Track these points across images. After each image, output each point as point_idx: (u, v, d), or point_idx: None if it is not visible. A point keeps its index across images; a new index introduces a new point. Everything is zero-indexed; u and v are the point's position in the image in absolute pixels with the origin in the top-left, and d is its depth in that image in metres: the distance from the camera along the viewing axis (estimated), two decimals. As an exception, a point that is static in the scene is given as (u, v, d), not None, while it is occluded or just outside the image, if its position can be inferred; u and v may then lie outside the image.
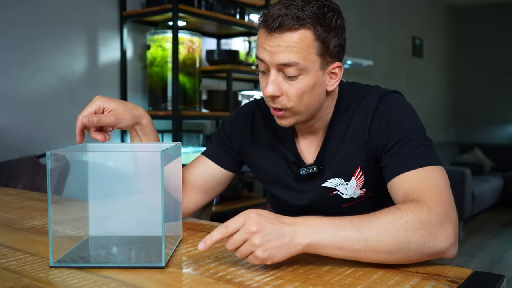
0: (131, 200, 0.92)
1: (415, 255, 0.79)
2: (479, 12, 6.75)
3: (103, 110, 0.99)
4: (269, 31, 0.95)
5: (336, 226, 0.79)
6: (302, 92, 0.97)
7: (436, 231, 0.80)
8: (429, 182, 0.88)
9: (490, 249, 4.01)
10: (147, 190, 0.89)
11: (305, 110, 1.00)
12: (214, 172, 1.19)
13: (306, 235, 0.78)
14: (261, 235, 0.75)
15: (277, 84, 0.97)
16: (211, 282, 0.73)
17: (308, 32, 0.94)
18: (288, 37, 0.94)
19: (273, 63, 0.96)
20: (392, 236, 0.78)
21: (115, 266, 0.79)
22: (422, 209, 0.81)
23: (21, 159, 2.09)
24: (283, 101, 0.98)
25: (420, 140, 0.96)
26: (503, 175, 5.81)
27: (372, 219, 0.80)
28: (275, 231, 0.77)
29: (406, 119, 0.99)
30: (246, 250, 0.76)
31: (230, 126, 1.21)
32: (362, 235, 0.78)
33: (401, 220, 0.79)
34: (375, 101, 1.04)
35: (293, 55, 0.94)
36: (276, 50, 0.95)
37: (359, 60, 4.17)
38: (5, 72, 2.24)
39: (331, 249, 0.78)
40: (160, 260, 0.79)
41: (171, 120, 2.52)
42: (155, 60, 2.63)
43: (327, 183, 1.09)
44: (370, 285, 0.72)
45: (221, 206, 2.77)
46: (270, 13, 0.95)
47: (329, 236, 0.78)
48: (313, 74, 0.97)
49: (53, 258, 0.79)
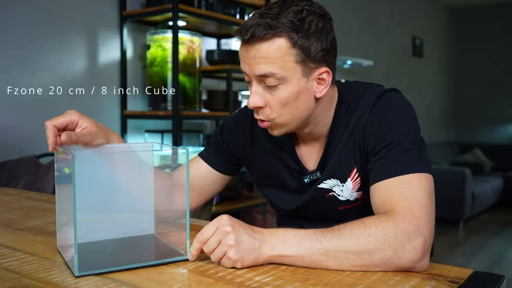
0: (131, 200, 0.93)
1: (379, 267, 0.79)
2: (479, 12, 6.75)
3: (76, 125, 0.94)
4: (243, 43, 0.94)
5: (299, 237, 0.81)
6: (284, 101, 0.95)
7: (402, 248, 0.79)
8: (406, 194, 0.86)
9: (490, 249, 4.01)
10: (136, 191, 0.91)
11: (291, 120, 0.98)
12: (208, 174, 1.19)
13: (272, 246, 0.81)
14: (235, 235, 0.79)
15: (259, 95, 0.97)
16: (211, 282, 0.73)
17: (282, 40, 0.91)
18: (261, 48, 0.92)
19: (253, 74, 0.96)
20: (353, 247, 0.79)
21: (141, 266, 0.80)
22: (388, 224, 0.80)
23: (21, 159, 2.09)
24: (266, 112, 0.98)
25: (410, 144, 0.93)
26: (503, 175, 5.81)
27: (335, 231, 0.81)
28: (247, 235, 0.80)
29: (399, 121, 0.96)
30: (220, 252, 0.79)
31: (228, 132, 1.20)
32: (322, 245, 0.80)
33: (363, 233, 0.80)
34: (372, 100, 1.01)
35: (268, 66, 0.92)
36: (253, 62, 0.94)
37: (359, 60, 4.16)
38: (6, 72, 2.24)
39: (294, 259, 0.80)
40: (185, 253, 0.83)
41: (171, 120, 2.52)
42: (155, 60, 2.63)
43: (323, 184, 1.08)
44: (370, 285, 0.72)
45: (221, 206, 2.77)
46: (244, 24, 0.94)
47: (292, 247, 0.80)
48: (295, 82, 0.94)
49: (79, 269, 0.75)
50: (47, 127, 0.89)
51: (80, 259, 0.74)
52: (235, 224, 0.80)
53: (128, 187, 0.93)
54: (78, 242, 0.74)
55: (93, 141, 0.95)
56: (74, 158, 0.73)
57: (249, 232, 0.81)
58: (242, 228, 0.81)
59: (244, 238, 0.79)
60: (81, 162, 0.77)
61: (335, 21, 1.03)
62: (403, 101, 1.02)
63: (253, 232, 0.81)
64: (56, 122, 0.91)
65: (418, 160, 0.91)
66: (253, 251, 0.80)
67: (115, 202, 0.92)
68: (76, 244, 0.74)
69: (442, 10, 6.65)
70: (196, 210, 1.34)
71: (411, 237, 0.80)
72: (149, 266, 0.80)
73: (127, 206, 0.92)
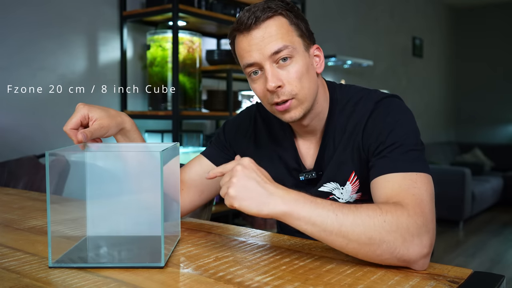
0: (129, 200, 0.92)
1: (384, 255, 0.78)
2: (479, 12, 6.75)
3: (88, 118, 0.99)
4: (248, 31, 0.98)
5: (316, 203, 0.80)
6: (300, 74, 0.99)
7: (412, 239, 0.79)
8: (412, 190, 0.87)
9: (490, 249, 4.01)
10: (145, 190, 0.89)
11: (308, 95, 1.01)
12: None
13: (284, 201, 0.79)
14: (243, 176, 0.80)
15: (277, 75, 0.99)
16: (211, 282, 0.73)
17: (282, 18, 0.99)
18: (268, 27, 0.98)
19: (265, 56, 0.98)
20: (366, 229, 0.78)
21: (114, 266, 0.79)
22: (402, 214, 0.81)
23: (21, 159, 2.09)
24: (287, 89, 0.99)
25: (412, 145, 0.95)
26: (503, 175, 5.81)
27: (352, 208, 0.80)
28: (256, 181, 0.80)
29: (399, 124, 0.98)
30: (226, 187, 0.80)
31: (231, 132, 1.21)
32: (338, 218, 0.78)
33: (380, 218, 0.79)
34: (371, 105, 1.03)
35: (280, 40, 0.97)
36: (263, 43, 0.97)
37: (359, 60, 4.16)
38: (6, 72, 2.24)
39: (304, 223, 0.79)
40: (160, 260, 0.79)
41: (171, 120, 2.52)
42: (155, 60, 2.63)
43: (323, 187, 1.09)
44: (370, 285, 0.72)
45: (221, 206, 2.77)
46: (241, 18, 0.99)
47: (306, 209, 0.79)
48: (302, 55, 1.00)
49: (52, 258, 0.79)
50: (68, 134, 0.96)
51: (55, 251, 0.74)
52: (251, 168, 0.81)
53: (137, 186, 0.93)
54: (73, 235, 0.74)
55: (107, 133, 1.01)
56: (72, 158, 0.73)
57: (261, 180, 0.80)
58: (255, 174, 0.80)
59: (251, 182, 0.79)
60: (78, 162, 0.77)
61: (335, 20, 1.06)
62: (402, 106, 1.03)
63: (266, 182, 0.80)
64: (72, 125, 0.97)
65: (420, 161, 0.93)
66: (257, 198, 0.79)
67: (122, 199, 0.92)
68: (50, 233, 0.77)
69: (442, 10, 6.65)
70: (196, 210, 1.34)
71: (421, 231, 0.80)
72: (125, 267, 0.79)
73: (134, 205, 0.92)
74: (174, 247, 0.91)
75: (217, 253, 0.87)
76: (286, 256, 0.86)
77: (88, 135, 0.95)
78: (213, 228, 1.07)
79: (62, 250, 0.83)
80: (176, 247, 0.92)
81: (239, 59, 1.03)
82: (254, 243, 0.95)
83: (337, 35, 4.36)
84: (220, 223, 1.12)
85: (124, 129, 1.06)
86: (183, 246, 0.93)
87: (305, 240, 0.97)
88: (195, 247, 0.91)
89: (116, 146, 1.03)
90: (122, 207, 0.92)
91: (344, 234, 0.78)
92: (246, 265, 0.81)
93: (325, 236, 0.79)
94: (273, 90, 0.98)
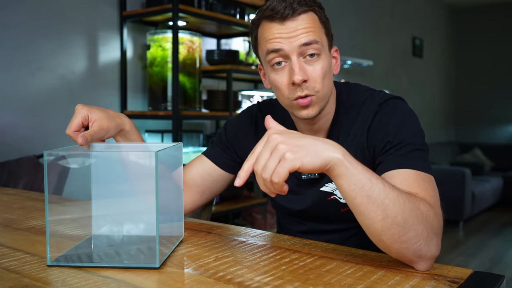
0: (129, 200, 0.92)
1: (407, 243, 0.77)
2: (479, 12, 6.75)
3: (88, 119, 0.98)
4: (282, 20, 0.98)
5: (368, 169, 0.77)
6: (324, 72, 0.99)
7: (433, 237, 0.79)
8: (429, 191, 0.87)
9: (490, 249, 4.01)
10: (146, 190, 0.89)
11: (326, 94, 1.02)
12: (213, 173, 1.19)
13: (340, 152, 0.75)
14: (287, 138, 0.74)
15: (303, 69, 0.98)
16: (211, 282, 0.73)
17: (314, 15, 1.00)
18: (303, 19, 0.98)
19: (294, 47, 0.97)
20: (405, 210, 0.76)
21: (110, 266, 0.79)
22: (430, 209, 0.81)
23: (21, 159, 2.09)
24: (311, 85, 0.99)
25: (418, 144, 0.95)
26: (503, 175, 5.81)
27: (396, 186, 0.79)
28: (303, 137, 0.75)
29: (404, 124, 0.99)
30: (275, 158, 0.72)
31: (233, 132, 1.21)
32: (385, 189, 0.76)
33: (415, 204, 0.78)
34: (375, 107, 1.03)
35: (312, 34, 0.98)
36: (295, 34, 0.97)
37: (359, 60, 4.16)
38: (6, 72, 2.24)
39: (355, 182, 0.75)
40: (155, 261, 0.79)
41: (171, 120, 2.52)
42: (155, 60, 2.63)
43: (325, 187, 1.09)
44: (370, 285, 0.72)
45: (221, 206, 2.77)
46: (276, 7, 0.98)
47: (359, 170, 0.75)
48: (327, 54, 1.01)
49: (51, 257, 0.79)
50: (72, 137, 0.94)
51: (53, 250, 0.74)
52: (284, 129, 0.77)
53: (138, 187, 0.93)
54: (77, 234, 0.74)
55: (107, 135, 1.00)
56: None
57: (302, 134, 0.76)
58: (292, 132, 0.76)
59: (298, 139, 0.74)
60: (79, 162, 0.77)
61: (335, 20, 1.07)
62: (407, 108, 1.04)
63: (307, 135, 0.77)
64: (75, 127, 0.95)
65: (427, 162, 0.94)
66: (313, 149, 0.73)
67: (123, 199, 0.92)
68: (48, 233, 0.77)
69: (442, 10, 6.65)
70: (196, 210, 1.34)
71: (440, 232, 0.81)
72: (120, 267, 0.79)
73: (135, 205, 0.92)
74: (175, 247, 0.91)
75: (217, 253, 0.87)
76: (286, 256, 0.86)
77: (88, 138, 0.94)
78: (213, 228, 1.07)
79: (61, 249, 0.83)
80: (177, 247, 0.92)
81: (263, 44, 1.01)
82: (254, 243, 0.95)
83: (337, 35, 4.34)
84: (220, 223, 1.12)
85: (123, 130, 1.06)
86: (183, 246, 0.93)
87: (305, 240, 0.97)
88: (195, 247, 0.91)
89: (117, 146, 1.03)
90: (123, 207, 0.92)
91: (385, 207, 0.75)
92: (246, 265, 0.81)
93: (365, 203, 0.76)
94: (299, 83, 0.97)
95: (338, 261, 0.83)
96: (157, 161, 0.76)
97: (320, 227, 1.16)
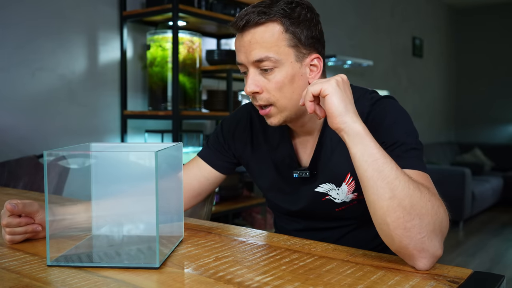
0: (130, 200, 0.92)
1: (411, 231, 0.77)
2: (479, 12, 6.75)
3: None
4: (239, 31, 0.99)
5: (383, 150, 0.82)
6: (280, 85, 0.98)
7: (438, 234, 0.79)
8: (432, 190, 0.87)
9: (490, 249, 4.01)
10: (146, 190, 0.89)
11: (289, 104, 1.01)
12: (209, 176, 1.20)
13: (361, 126, 0.83)
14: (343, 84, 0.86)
15: (256, 81, 0.99)
16: (211, 282, 0.73)
17: (275, 25, 0.97)
18: (256, 33, 0.97)
19: (248, 61, 0.99)
20: (413, 196, 0.77)
21: (110, 266, 0.79)
22: (441, 206, 0.81)
23: (21, 159, 2.09)
24: (264, 96, 1.00)
25: (413, 144, 0.96)
26: (503, 175, 5.81)
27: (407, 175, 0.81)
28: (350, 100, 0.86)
29: (397, 124, 0.99)
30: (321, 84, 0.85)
31: (229, 132, 1.21)
32: (398, 171, 0.79)
33: (427, 195, 0.79)
34: (367, 107, 1.03)
35: (264, 50, 0.96)
36: (249, 48, 0.98)
37: (359, 60, 4.16)
38: (6, 72, 2.24)
39: (368, 154, 0.80)
40: (155, 261, 0.79)
41: (171, 120, 2.52)
42: (155, 60, 2.63)
43: (320, 188, 1.10)
44: (370, 285, 0.72)
45: (221, 206, 2.77)
46: (238, 14, 0.99)
47: (375, 145, 0.81)
48: (289, 66, 0.98)
49: (51, 257, 0.79)
50: None
51: (53, 250, 0.74)
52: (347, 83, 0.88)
53: (138, 187, 0.93)
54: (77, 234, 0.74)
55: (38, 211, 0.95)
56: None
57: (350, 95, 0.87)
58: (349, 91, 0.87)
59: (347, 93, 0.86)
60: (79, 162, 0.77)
61: (335, 20, 1.05)
62: (398, 107, 1.04)
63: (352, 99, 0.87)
64: None
65: (421, 160, 0.94)
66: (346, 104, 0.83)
67: (123, 200, 0.92)
68: (48, 234, 0.78)
69: (442, 10, 6.65)
70: (197, 210, 1.34)
71: (446, 231, 0.81)
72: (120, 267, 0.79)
73: (135, 206, 0.92)
74: (175, 247, 0.91)
75: (217, 253, 0.87)
76: (286, 256, 0.86)
77: (18, 206, 0.91)
78: (213, 228, 1.07)
79: (61, 249, 0.83)
80: (177, 247, 0.92)
81: None
82: (254, 243, 0.95)
83: (337, 35, 4.36)
84: (220, 223, 1.12)
85: None
86: (183, 246, 0.93)
87: (305, 240, 0.97)
88: (195, 247, 0.91)
89: (117, 146, 1.03)
90: (123, 207, 0.92)
91: (394, 186, 0.77)
92: (246, 265, 0.81)
93: (376, 178, 0.78)
94: (249, 94, 1.01)
95: (338, 261, 0.83)
96: (157, 161, 0.76)
97: (316, 225, 1.16)
